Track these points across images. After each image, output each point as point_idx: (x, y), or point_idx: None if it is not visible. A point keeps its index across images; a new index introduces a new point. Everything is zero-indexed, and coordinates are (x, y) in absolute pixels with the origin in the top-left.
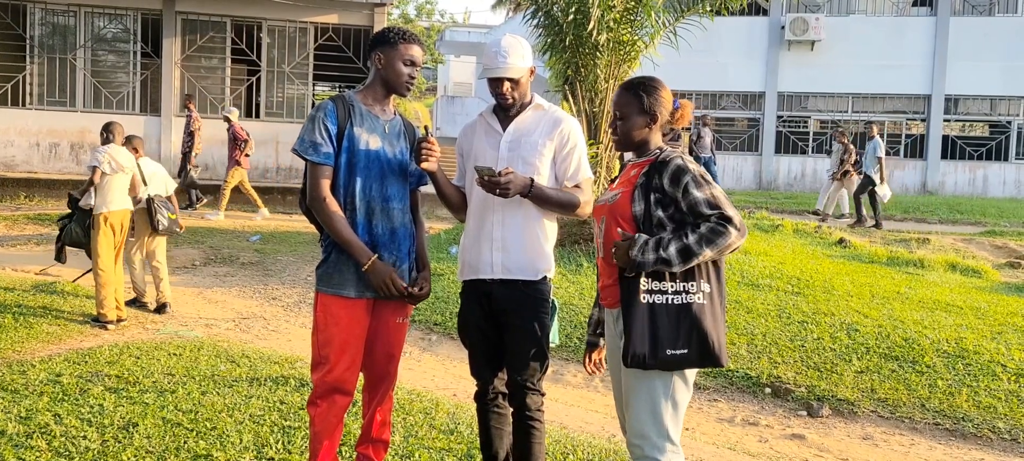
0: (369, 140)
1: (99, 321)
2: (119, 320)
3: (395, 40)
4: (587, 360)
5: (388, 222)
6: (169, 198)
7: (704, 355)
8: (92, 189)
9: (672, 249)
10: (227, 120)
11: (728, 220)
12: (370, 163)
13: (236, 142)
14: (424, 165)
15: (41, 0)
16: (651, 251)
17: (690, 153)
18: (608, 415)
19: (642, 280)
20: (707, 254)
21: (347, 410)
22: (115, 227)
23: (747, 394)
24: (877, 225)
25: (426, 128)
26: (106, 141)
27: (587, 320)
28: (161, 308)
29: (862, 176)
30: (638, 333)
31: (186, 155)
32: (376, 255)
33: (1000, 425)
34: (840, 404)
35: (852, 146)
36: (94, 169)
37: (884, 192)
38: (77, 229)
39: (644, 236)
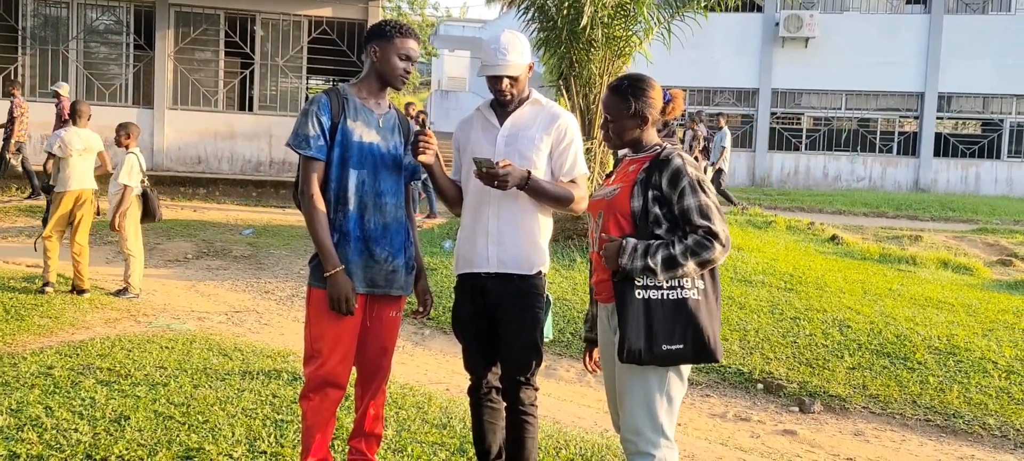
0: (363, 134)
1: (44, 286)
2: (48, 285)
3: (391, 34)
4: (587, 358)
5: (381, 217)
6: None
7: (699, 350)
8: (55, 171)
9: (658, 258)
10: (56, 96)
11: (715, 235)
12: (363, 157)
13: (62, 121)
14: (421, 158)
15: None
16: (639, 258)
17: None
18: (600, 410)
19: (638, 277)
20: (691, 266)
21: (339, 404)
22: (72, 204)
23: (739, 390)
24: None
25: (423, 121)
26: (64, 124)
27: (584, 317)
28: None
29: (712, 167)
30: (633, 328)
31: (6, 142)
32: (342, 267)
33: (990, 421)
34: (832, 400)
35: (701, 133)
36: (48, 155)
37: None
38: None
39: (633, 242)
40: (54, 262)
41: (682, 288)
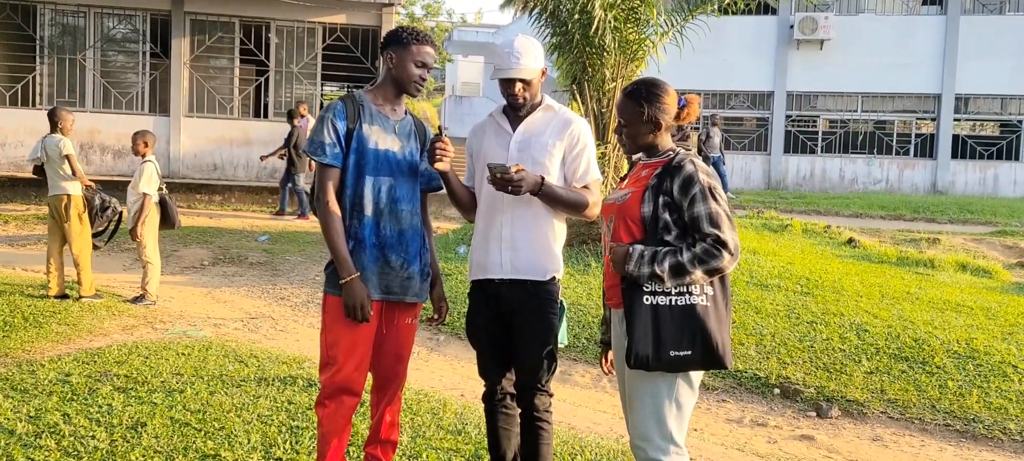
0: (379, 140)
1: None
2: (60, 296)
3: (408, 41)
4: (603, 360)
5: (396, 223)
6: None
7: (708, 356)
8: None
9: (666, 265)
10: None
11: (723, 244)
12: (379, 163)
13: None
14: (437, 165)
15: (51, 1)
16: (646, 265)
17: (698, 152)
18: (616, 415)
19: (645, 283)
20: (698, 274)
21: (355, 411)
22: (50, 211)
23: (756, 395)
24: None
25: (440, 128)
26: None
27: (600, 320)
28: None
29: None
30: (641, 334)
31: None
32: (358, 274)
33: (1011, 426)
34: (849, 405)
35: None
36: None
37: None
38: None
39: (640, 248)
40: (51, 268)
41: (691, 294)
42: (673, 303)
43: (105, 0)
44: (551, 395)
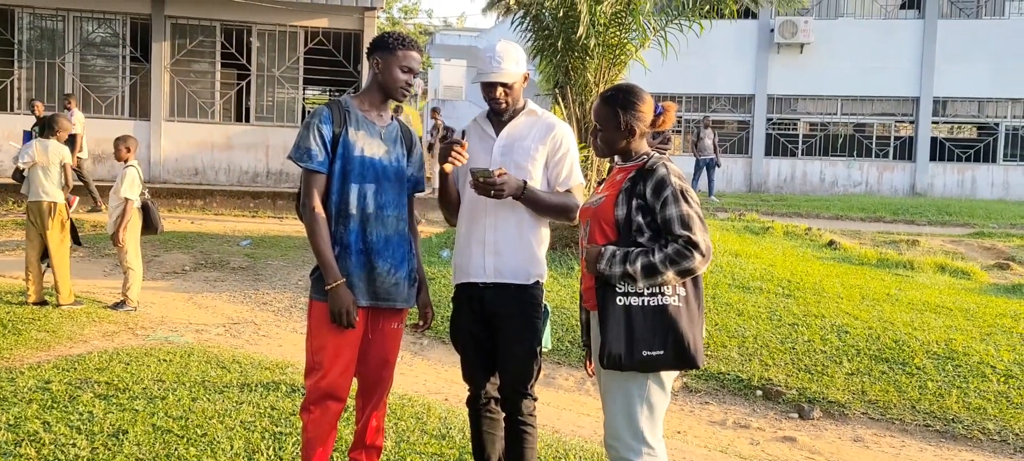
0: (365, 146)
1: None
2: (39, 303)
3: (394, 46)
4: (588, 363)
5: (383, 229)
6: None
7: (680, 356)
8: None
9: (638, 265)
10: None
11: (695, 245)
12: (365, 169)
13: None
14: (446, 166)
15: (29, 4)
16: (618, 264)
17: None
18: (600, 419)
19: (618, 283)
20: (670, 275)
21: (340, 416)
22: (31, 217)
23: (738, 397)
24: None
25: (464, 131)
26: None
27: (584, 324)
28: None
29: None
30: (614, 334)
31: None
32: (343, 280)
33: (990, 426)
34: (831, 406)
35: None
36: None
37: None
38: None
39: (612, 248)
40: (30, 276)
41: (663, 295)
42: (645, 304)
43: (84, 4)
44: (535, 399)
